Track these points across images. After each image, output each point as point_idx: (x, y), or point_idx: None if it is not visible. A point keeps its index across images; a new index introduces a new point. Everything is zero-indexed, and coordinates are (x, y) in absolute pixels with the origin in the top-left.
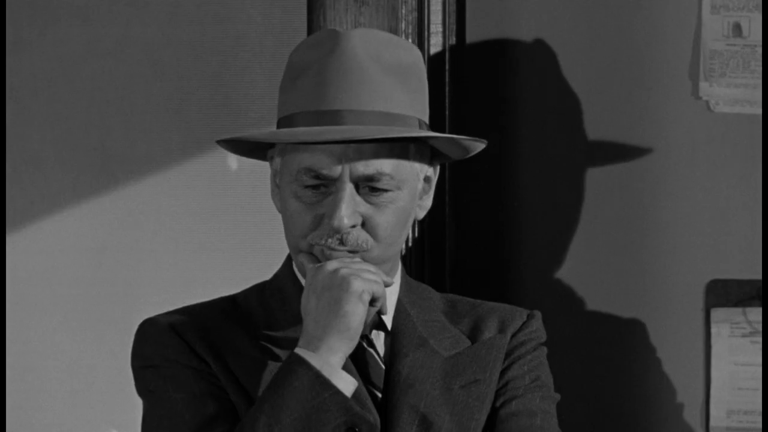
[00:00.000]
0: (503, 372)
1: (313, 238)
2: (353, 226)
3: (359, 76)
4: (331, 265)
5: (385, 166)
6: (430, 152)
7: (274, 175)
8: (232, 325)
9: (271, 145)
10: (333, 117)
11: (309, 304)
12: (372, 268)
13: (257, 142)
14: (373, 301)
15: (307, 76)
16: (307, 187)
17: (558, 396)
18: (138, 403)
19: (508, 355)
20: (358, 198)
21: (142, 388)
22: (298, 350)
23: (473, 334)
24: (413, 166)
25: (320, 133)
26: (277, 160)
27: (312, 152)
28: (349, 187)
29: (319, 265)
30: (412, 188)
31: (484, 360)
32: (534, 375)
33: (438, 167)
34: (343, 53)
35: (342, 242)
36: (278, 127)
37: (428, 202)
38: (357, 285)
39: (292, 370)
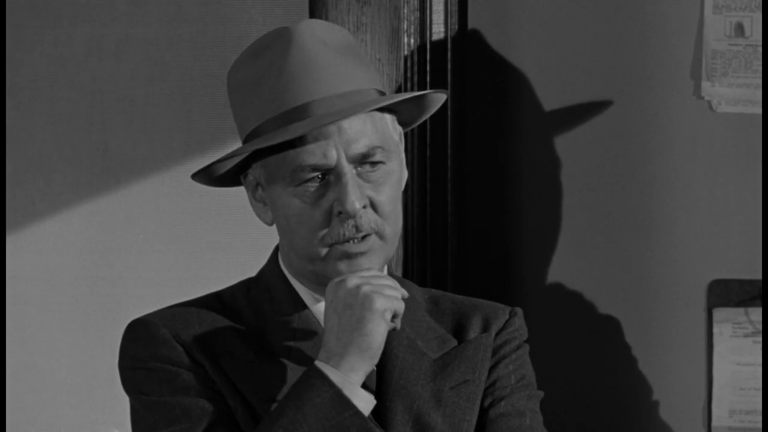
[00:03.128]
0: (489, 371)
1: (330, 237)
2: (364, 207)
3: (322, 63)
4: (352, 281)
5: (373, 139)
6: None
7: (254, 191)
8: (222, 326)
9: (245, 166)
10: (305, 111)
11: (330, 320)
12: (392, 282)
13: (228, 166)
14: (393, 317)
15: (266, 81)
16: (306, 182)
17: (541, 393)
18: None
19: (493, 353)
20: (360, 180)
21: (132, 389)
22: (318, 364)
23: (458, 332)
24: (393, 137)
25: (304, 126)
26: (259, 172)
27: (301, 148)
28: (350, 170)
29: (339, 279)
30: (398, 158)
31: (472, 360)
32: (519, 374)
33: (403, 137)
34: (302, 46)
35: (357, 228)
36: (249, 139)
37: (406, 173)
38: (380, 303)
39: (313, 385)
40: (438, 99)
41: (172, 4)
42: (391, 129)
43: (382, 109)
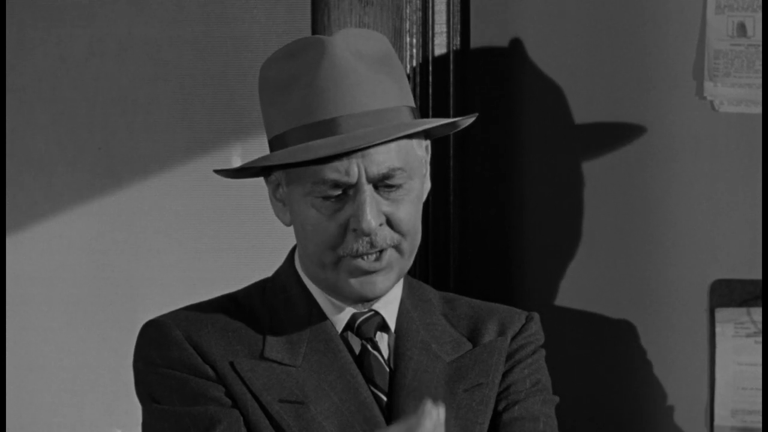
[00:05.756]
0: (504, 375)
1: (343, 250)
2: (380, 225)
3: (353, 79)
4: None
5: (395, 161)
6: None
7: (275, 190)
8: (236, 328)
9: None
10: (332, 126)
11: None
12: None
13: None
14: None
15: (296, 88)
16: (325, 197)
17: (557, 398)
18: None
19: (508, 358)
20: (378, 197)
21: (144, 394)
22: None
23: (473, 336)
24: (417, 154)
25: (329, 146)
26: (279, 175)
27: (324, 162)
28: (368, 189)
29: None
30: (420, 175)
31: (486, 363)
32: (534, 378)
33: (429, 148)
34: (333, 59)
35: (372, 245)
36: (274, 144)
37: (428, 184)
38: None
39: None
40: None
41: (174, 5)
42: (416, 147)
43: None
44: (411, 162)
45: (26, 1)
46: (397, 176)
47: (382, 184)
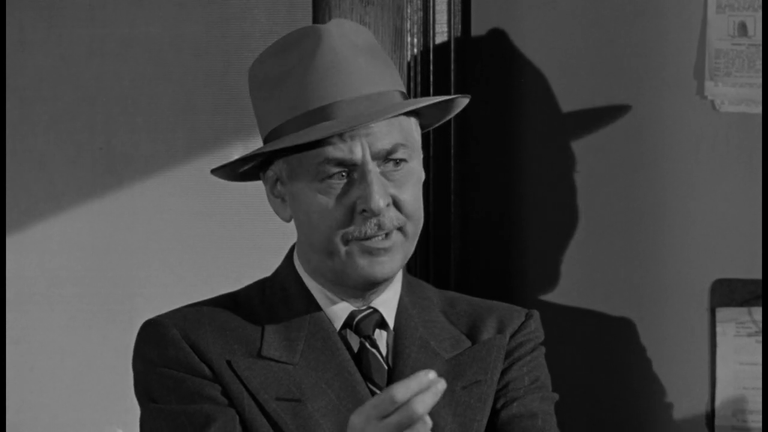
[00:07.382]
0: (503, 373)
1: (351, 234)
2: (387, 205)
3: (346, 66)
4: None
5: (398, 137)
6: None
7: (273, 186)
8: (234, 327)
9: (266, 162)
10: (329, 112)
11: None
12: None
13: (250, 163)
14: None
15: (292, 80)
16: (330, 178)
17: (556, 396)
18: None
19: (507, 355)
20: (383, 179)
21: (142, 393)
22: None
23: (472, 334)
24: (415, 136)
25: (334, 127)
26: (281, 168)
27: (328, 143)
28: (374, 167)
29: (361, 420)
30: (419, 157)
31: (485, 361)
32: (533, 376)
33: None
34: (331, 47)
35: (380, 226)
36: (270, 138)
37: (423, 173)
38: None
39: None
40: (460, 102)
41: (175, 4)
42: (415, 130)
43: (407, 112)
44: (411, 141)
45: (26, 1)
46: (401, 151)
47: (387, 160)
